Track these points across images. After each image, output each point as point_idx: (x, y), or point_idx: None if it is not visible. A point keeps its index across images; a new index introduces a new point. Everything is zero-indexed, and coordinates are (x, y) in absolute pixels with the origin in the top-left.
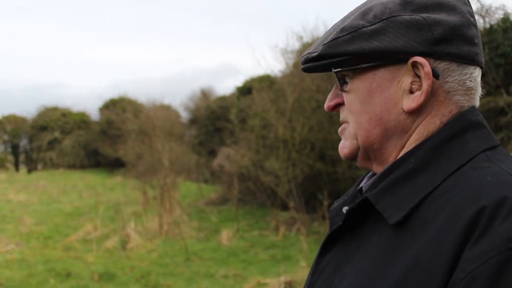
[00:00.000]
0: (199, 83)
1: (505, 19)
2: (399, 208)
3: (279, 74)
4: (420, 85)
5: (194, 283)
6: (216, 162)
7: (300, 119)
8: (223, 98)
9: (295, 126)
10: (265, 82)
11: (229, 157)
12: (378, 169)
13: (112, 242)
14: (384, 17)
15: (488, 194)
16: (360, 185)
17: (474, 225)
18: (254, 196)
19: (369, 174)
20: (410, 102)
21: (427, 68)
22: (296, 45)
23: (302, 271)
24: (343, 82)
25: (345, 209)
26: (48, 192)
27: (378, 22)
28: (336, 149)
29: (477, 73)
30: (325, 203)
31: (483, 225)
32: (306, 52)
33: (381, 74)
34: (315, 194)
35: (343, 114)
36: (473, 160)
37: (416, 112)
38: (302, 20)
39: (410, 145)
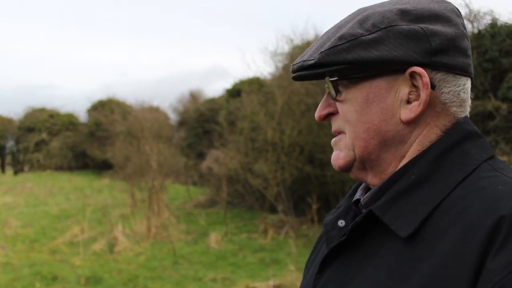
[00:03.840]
0: (189, 85)
1: (493, 24)
2: (408, 221)
3: (268, 77)
4: (417, 95)
5: (182, 287)
6: (205, 164)
7: (289, 122)
8: (212, 101)
9: (284, 129)
10: (255, 84)
11: (218, 159)
12: (373, 180)
13: (99, 245)
14: (383, 26)
15: (504, 204)
16: (355, 197)
17: (494, 235)
18: (243, 199)
19: (362, 186)
20: (408, 112)
21: (426, 78)
22: (286, 48)
23: (290, 275)
24: (337, 91)
25: (340, 222)
26: (35, 194)
27: (377, 31)
28: (325, 152)
29: (468, 84)
30: (314, 206)
31: (504, 234)
32: (300, 59)
33: (378, 84)
34: (303, 197)
35: (336, 123)
36: (478, 169)
37: (414, 123)
38: (292, 23)
39: (411, 155)
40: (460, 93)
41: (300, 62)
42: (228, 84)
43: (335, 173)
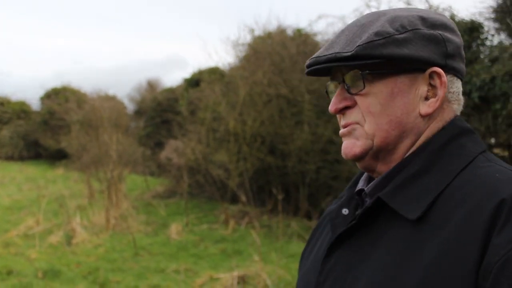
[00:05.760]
0: (146, 75)
1: (451, 19)
2: (416, 205)
3: (229, 67)
4: (434, 93)
5: (144, 278)
6: (164, 154)
7: (251, 113)
8: (170, 90)
9: (246, 120)
10: (215, 74)
11: (177, 149)
12: (382, 168)
13: (56, 237)
14: (410, 28)
15: (504, 189)
16: (358, 187)
17: (497, 215)
18: (202, 189)
19: (363, 177)
20: (427, 108)
21: (444, 78)
22: (248, 38)
23: (254, 265)
24: (359, 85)
25: (344, 211)
26: None
27: (406, 32)
28: (286, 143)
29: (461, 87)
30: (280, 197)
31: (506, 214)
32: (327, 52)
33: (402, 80)
34: (264, 188)
35: (352, 116)
36: (475, 160)
37: (428, 117)
38: (254, 13)
39: (417, 146)
40: (459, 93)
41: (331, 54)
42: (186, 74)
43: (296, 163)
